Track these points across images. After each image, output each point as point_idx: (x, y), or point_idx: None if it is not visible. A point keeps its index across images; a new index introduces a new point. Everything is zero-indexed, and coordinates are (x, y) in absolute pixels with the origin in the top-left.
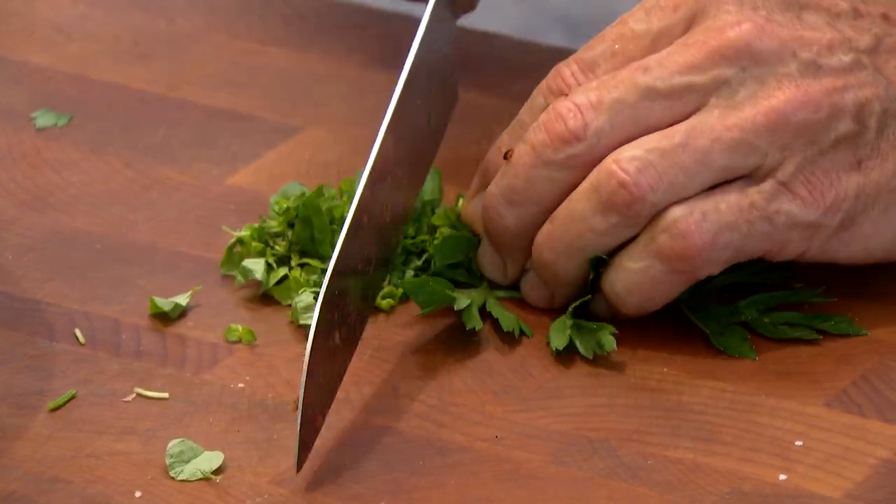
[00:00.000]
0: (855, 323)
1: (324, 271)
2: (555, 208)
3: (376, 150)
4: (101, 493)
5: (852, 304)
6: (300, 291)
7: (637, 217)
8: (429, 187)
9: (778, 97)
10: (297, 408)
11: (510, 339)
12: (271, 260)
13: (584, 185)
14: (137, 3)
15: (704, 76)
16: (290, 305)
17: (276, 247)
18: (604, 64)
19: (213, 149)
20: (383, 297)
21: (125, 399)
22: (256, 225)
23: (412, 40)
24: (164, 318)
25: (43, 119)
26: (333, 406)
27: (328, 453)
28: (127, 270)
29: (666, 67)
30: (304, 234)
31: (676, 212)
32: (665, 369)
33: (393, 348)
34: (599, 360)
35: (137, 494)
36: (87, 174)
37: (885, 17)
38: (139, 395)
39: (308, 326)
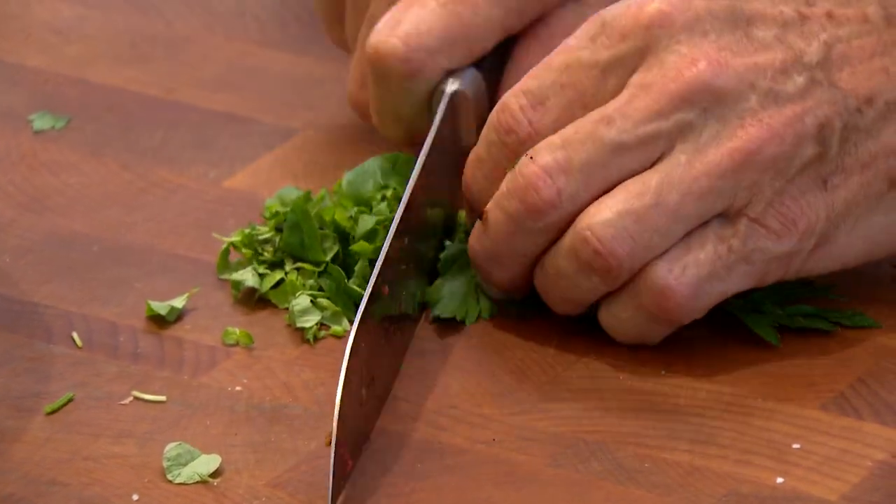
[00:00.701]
0: (869, 316)
1: (320, 274)
2: (541, 256)
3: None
4: (98, 495)
5: (851, 307)
6: (297, 294)
7: (618, 279)
8: None
9: (741, 137)
10: (330, 443)
11: (507, 342)
12: (261, 269)
13: (565, 243)
14: (135, 6)
15: (668, 122)
16: (286, 309)
17: (265, 253)
18: (553, 97)
19: (210, 151)
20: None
21: (122, 402)
22: (246, 230)
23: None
24: (162, 321)
25: (41, 121)
26: (330, 409)
27: (326, 456)
28: (124, 273)
29: (629, 117)
30: (292, 239)
31: (657, 269)
32: (662, 372)
33: None
34: (597, 363)
35: (135, 497)
36: (84, 176)
37: (829, 15)
38: (136, 397)
39: (305, 329)
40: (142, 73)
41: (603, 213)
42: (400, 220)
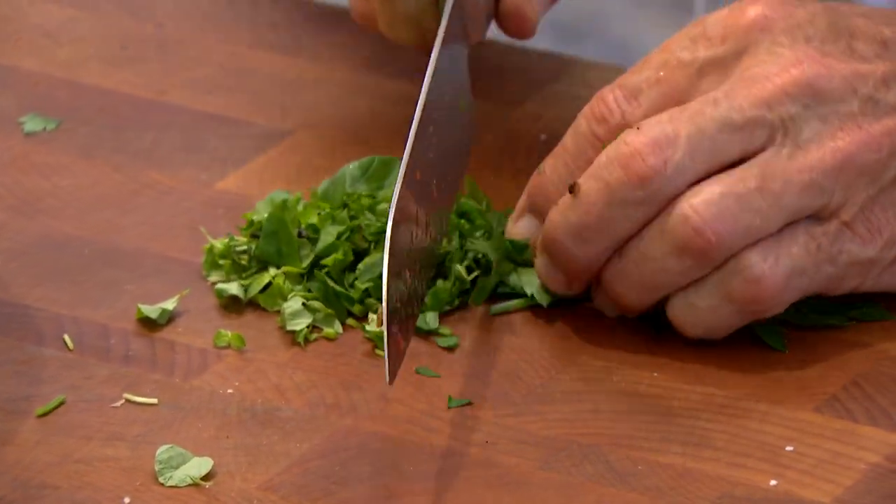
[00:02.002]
0: (882, 308)
1: (303, 276)
2: (626, 242)
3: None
4: (89, 498)
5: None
6: (290, 296)
7: (712, 262)
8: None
9: (843, 138)
10: (381, 322)
11: (501, 344)
12: (243, 278)
13: (656, 225)
14: (126, 8)
15: (772, 112)
16: (277, 312)
17: (241, 261)
18: (647, 91)
19: (202, 153)
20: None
21: (114, 405)
22: (225, 240)
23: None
24: (153, 324)
25: (32, 124)
26: (322, 411)
27: (318, 458)
28: (116, 275)
29: (735, 100)
30: (268, 248)
31: (751, 257)
32: (655, 374)
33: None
34: (590, 365)
35: (126, 500)
36: (76, 179)
37: None
38: (128, 400)
39: (296, 332)
40: (133, 74)
41: (704, 194)
42: (422, 113)
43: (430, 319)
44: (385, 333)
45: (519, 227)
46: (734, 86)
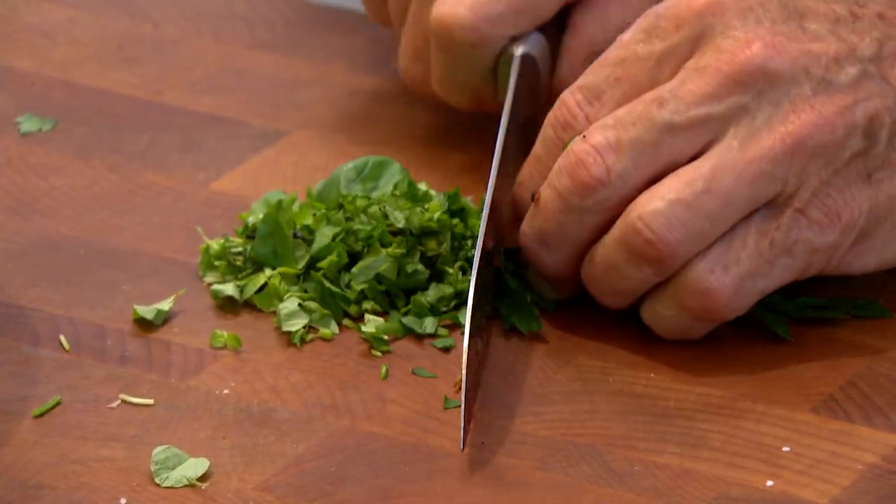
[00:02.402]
0: (880, 304)
1: (299, 277)
2: (591, 245)
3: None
4: (86, 498)
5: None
6: (285, 297)
7: (668, 269)
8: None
9: (794, 122)
10: (459, 389)
11: (497, 345)
12: (239, 278)
13: (615, 233)
14: (123, 8)
15: (722, 105)
16: (273, 312)
17: (237, 262)
18: (609, 90)
19: (198, 153)
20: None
21: (110, 405)
22: (221, 241)
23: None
24: (149, 324)
25: (28, 124)
26: (318, 412)
27: (314, 459)
28: (112, 276)
29: (682, 99)
30: (263, 249)
31: (698, 270)
32: (652, 375)
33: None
34: (587, 366)
35: (122, 501)
36: (72, 179)
37: (881, 16)
38: (124, 401)
39: (291, 333)
40: (130, 75)
41: (654, 203)
42: (496, 179)
43: (427, 325)
44: (462, 402)
45: (514, 235)
46: (684, 80)
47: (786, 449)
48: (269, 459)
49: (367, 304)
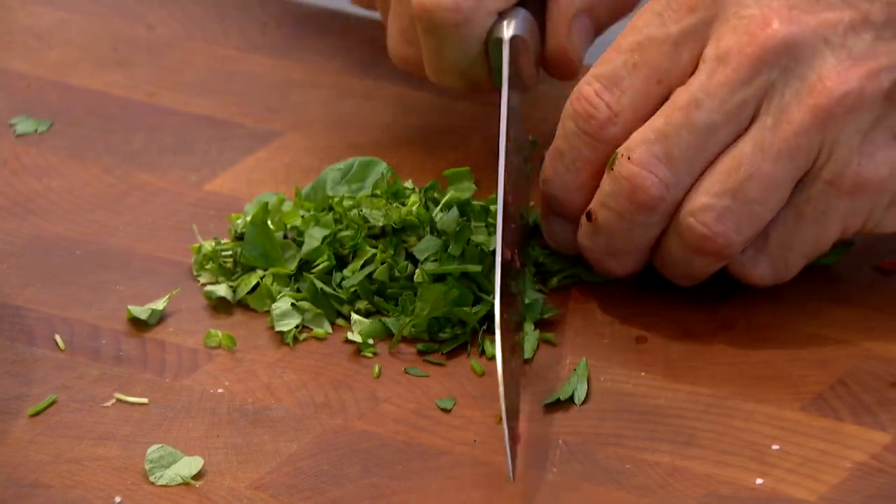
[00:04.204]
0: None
1: (291, 277)
2: (657, 244)
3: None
4: (81, 497)
5: (830, 308)
6: (278, 297)
7: (730, 256)
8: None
9: (821, 91)
10: (500, 420)
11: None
12: (231, 280)
13: (674, 233)
14: (116, 10)
15: (752, 87)
16: (266, 312)
17: (227, 265)
18: (628, 77)
19: (191, 155)
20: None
21: (105, 404)
22: (212, 243)
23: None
24: (144, 324)
25: (23, 125)
26: (312, 411)
27: (308, 457)
28: (106, 276)
29: (716, 95)
30: (252, 252)
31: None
32: (642, 374)
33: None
34: (577, 364)
35: (117, 499)
36: (66, 180)
37: None
38: (119, 400)
39: (284, 333)
40: (123, 77)
41: (702, 199)
42: (504, 177)
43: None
44: (505, 431)
45: (552, 234)
46: (711, 73)
47: (775, 447)
48: (263, 458)
49: (360, 304)
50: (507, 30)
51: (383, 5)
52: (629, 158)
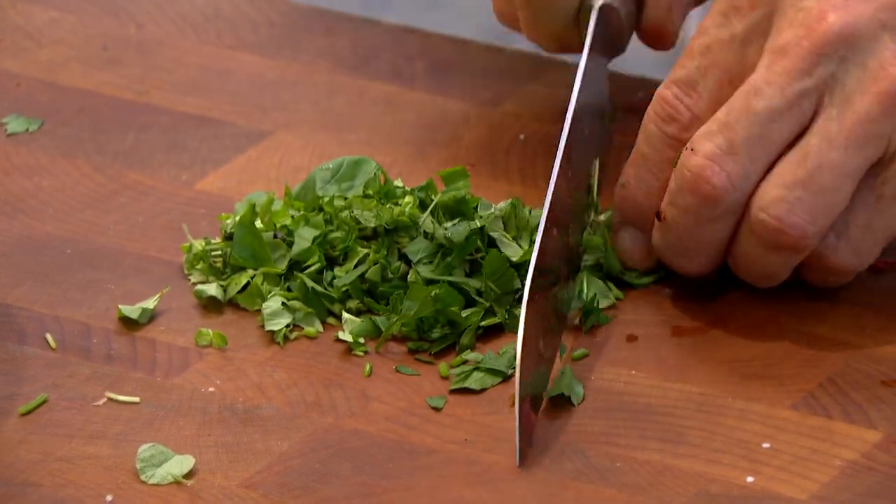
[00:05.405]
0: None
1: (282, 276)
2: (729, 243)
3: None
4: (72, 496)
5: (821, 307)
6: (269, 296)
7: (806, 249)
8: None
9: (884, 78)
10: (514, 404)
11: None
12: (222, 279)
13: (746, 229)
14: (107, 10)
15: (812, 78)
16: (257, 311)
17: (217, 265)
18: (702, 81)
19: (182, 153)
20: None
21: (96, 403)
22: (202, 243)
23: (571, 87)
24: (135, 323)
25: (13, 124)
26: (302, 409)
27: (298, 456)
28: (97, 275)
29: (774, 83)
30: (241, 253)
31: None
32: (633, 372)
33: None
34: (568, 363)
35: (108, 498)
36: (57, 179)
37: None
38: (110, 399)
39: (274, 332)
40: (114, 76)
41: (772, 191)
42: (566, 144)
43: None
44: (517, 414)
45: (623, 242)
46: (769, 65)
47: (765, 445)
48: (254, 456)
49: (351, 303)
50: None
51: None
52: (692, 150)
